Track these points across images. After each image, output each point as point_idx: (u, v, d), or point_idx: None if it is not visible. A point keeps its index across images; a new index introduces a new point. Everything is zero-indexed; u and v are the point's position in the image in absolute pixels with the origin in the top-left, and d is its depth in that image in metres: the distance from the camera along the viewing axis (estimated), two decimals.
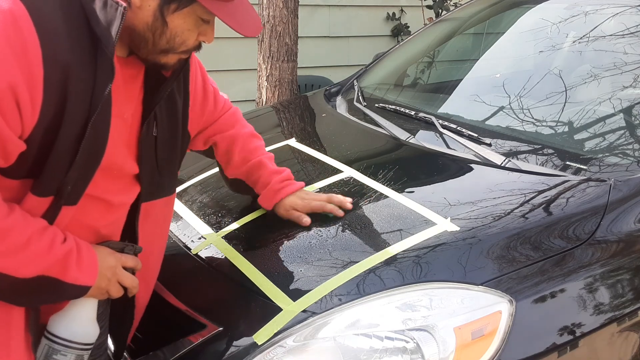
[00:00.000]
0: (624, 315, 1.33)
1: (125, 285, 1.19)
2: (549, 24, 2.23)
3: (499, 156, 1.66)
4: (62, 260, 1.05)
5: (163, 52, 1.08)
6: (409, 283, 1.23)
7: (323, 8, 4.46)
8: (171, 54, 1.10)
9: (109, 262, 1.15)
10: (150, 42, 1.06)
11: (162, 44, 1.07)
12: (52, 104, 0.98)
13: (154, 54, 1.09)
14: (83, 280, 1.09)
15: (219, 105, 1.49)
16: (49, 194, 1.05)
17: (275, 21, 3.19)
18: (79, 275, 1.08)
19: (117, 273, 1.17)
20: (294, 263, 1.34)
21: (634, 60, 1.89)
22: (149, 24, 1.04)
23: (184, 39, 1.08)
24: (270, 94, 3.30)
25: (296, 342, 1.17)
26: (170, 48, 1.08)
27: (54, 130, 1.00)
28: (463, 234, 1.34)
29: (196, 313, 1.30)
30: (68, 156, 1.02)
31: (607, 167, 1.61)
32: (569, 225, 1.39)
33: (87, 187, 1.09)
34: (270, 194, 1.49)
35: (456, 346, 1.16)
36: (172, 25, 1.05)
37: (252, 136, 1.56)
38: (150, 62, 1.11)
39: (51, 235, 1.05)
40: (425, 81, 2.68)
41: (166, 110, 1.22)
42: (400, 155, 1.84)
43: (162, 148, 1.24)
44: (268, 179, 1.50)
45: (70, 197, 1.07)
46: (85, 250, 1.10)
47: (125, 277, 1.18)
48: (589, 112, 1.85)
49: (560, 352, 1.23)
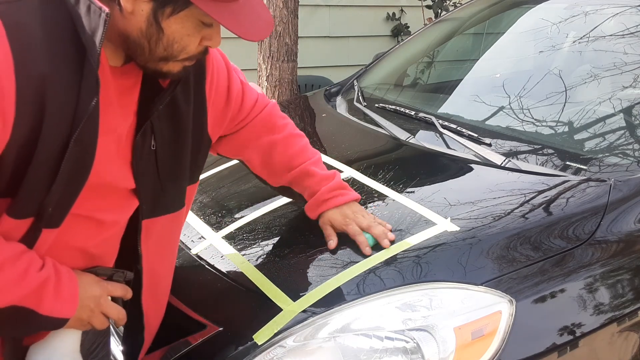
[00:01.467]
0: (624, 315, 1.33)
1: (110, 317, 1.10)
2: (549, 24, 2.23)
3: (499, 156, 1.66)
4: (37, 289, 0.97)
5: (162, 59, 0.98)
6: (409, 283, 1.23)
7: (323, 8, 4.46)
8: (172, 61, 0.99)
9: (93, 291, 1.06)
10: (147, 49, 0.96)
11: (159, 51, 0.96)
12: (27, 120, 0.89)
13: (152, 62, 0.98)
14: (60, 312, 1.00)
15: (246, 105, 1.34)
16: (28, 215, 0.96)
17: (275, 21, 3.19)
18: (55, 307, 0.99)
19: (102, 303, 1.08)
20: (294, 263, 1.34)
21: (634, 60, 1.89)
22: (143, 30, 0.94)
23: (183, 46, 0.97)
24: (270, 94, 3.30)
25: (296, 342, 1.17)
26: (170, 56, 0.97)
27: (30, 148, 0.91)
28: (463, 234, 1.34)
29: (196, 313, 1.30)
30: (48, 176, 0.93)
31: (607, 167, 1.61)
32: (569, 225, 1.39)
33: (70, 208, 0.99)
34: (315, 203, 1.39)
35: (456, 346, 1.16)
36: (168, 32, 0.94)
37: (292, 137, 1.42)
38: (150, 70, 1.00)
39: (26, 262, 0.96)
40: (425, 81, 2.68)
41: (167, 121, 1.11)
42: (400, 155, 1.84)
43: (164, 162, 1.12)
44: (316, 187, 1.39)
45: (51, 219, 0.98)
46: (66, 279, 1.01)
47: (110, 308, 1.09)
48: (589, 112, 1.85)
49: (560, 352, 1.23)
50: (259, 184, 1.54)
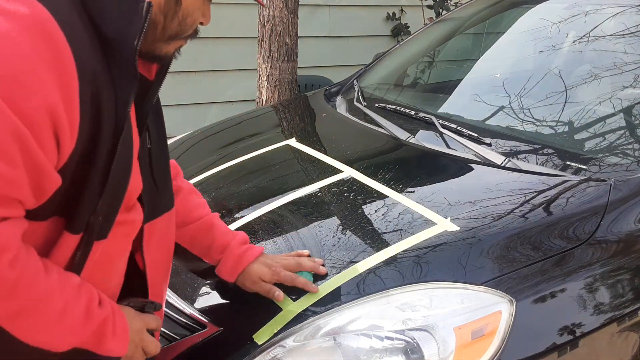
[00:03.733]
0: (624, 315, 1.33)
1: (148, 352, 1.03)
2: (549, 24, 2.23)
3: (499, 156, 1.66)
4: (99, 329, 0.90)
5: (170, 37, 0.95)
6: (409, 283, 1.23)
7: (323, 8, 4.46)
8: (175, 40, 0.96)
9: (136, 325, 0.99)
10: (160, 26, 0.92)
11: (173, 27, 0.94)
12: (87, 125, 0.82)
13: (159, 42, 0.95)
14: (116, 351, 0.93)
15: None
16: (80, 230, 0.88)
17: (275, 21, 3.19)
18: (114, 346, 0.92)
19: (143, 338, 1.01)
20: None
21: (634, 60, 1.89)
22: (162, 5, 0.91)
23: (194, 19, 0.96)
24: (270, 94, 3.29)
25: (296, 342, 1.17)
26: (180, 31, 0.95)
27: (89, 156, 0.84)
28: (463, 233, 1.34)
29: (196, 313, 1.30)
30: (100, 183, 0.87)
31: (607, 167, 1.61)
32: (569, 225, 1.39)
33: (117, 215, 0.92)
34: (231, 261, 1.25)
35: (456, 346, 1.16)
36: (185, 4, 0.93)
37: (193, 192, 1.33)
38: (151, 52, 0.95)
39: (87, 297, 0.88)
40: (425, 81, 2.68)
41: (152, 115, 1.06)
42: (400, 155, 1.84)
43: (157, 161, 1.07)
44: (224, 242, 1.27)
45: (101, 230, 0.90)
46: (118, 315, 0.95)
47: (149, 343, 1.02)
48: (589, 112, 1.85)
49: (560, 352, 1.23)
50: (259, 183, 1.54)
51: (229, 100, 4.07)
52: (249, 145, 2.02)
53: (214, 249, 1.28)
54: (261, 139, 2.12)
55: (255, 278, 1.24)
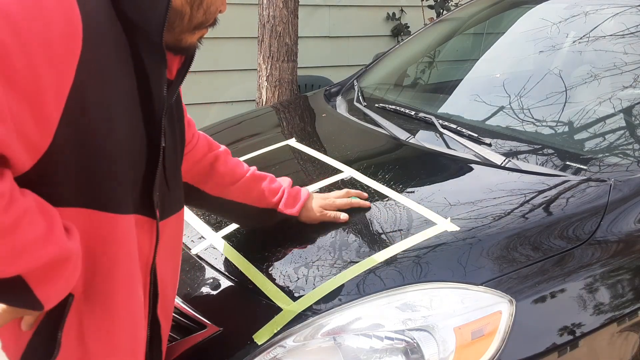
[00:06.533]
0: (624, 315, 1.33)
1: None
2: (549, 24, 2.23)
3: (499, 156, 1.66)
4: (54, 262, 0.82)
5: (196, 27, 0.97)
6: (409, 283, 1.23)
7: (323, 8, 4.46)
8: (200, 29, 0.98)
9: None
10: (187, 16, 0.94)
11: (198, 16, 0.96)
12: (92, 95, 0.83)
13: (185, 33, 0.97)
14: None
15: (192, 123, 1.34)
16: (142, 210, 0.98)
17: (275, 21, 3.19)
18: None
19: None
20: (294, 263, 1.34)
21: (634, 60, 1.89)
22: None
23: (217, 7, 0.98)
24: (270, 94, 3.30)
25: (296, 342, 1.17)
26: (205, 20, 0.97)
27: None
28: (463, 234, 1.34)
29: (196, 313, 1.30)
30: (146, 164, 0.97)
31: (607, 167, 1.61)
32: (569, 225, 1.39)
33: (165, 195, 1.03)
34: (291, 198, 1.41)
35: (456, 346, 1.16)
36: None
37: (228, 153, 1.41)
38: (178, 44, 0.98)
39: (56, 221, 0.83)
40: (425, 81, 2.68)
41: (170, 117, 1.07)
42: (400, 155, 1.84)
43: (169, 159, 1.06)
44: (277, 185, 1.41)
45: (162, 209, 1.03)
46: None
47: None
48: (589, 112, 1.85)
49: (560, 352, 1.23)
50: None
51: (229, 101, 4.08)
52: (249, 146, 2.02)
53: (268, 193, 1.40)
54: (261, 139, 2.12)
55: (318, 208, 1.43)
